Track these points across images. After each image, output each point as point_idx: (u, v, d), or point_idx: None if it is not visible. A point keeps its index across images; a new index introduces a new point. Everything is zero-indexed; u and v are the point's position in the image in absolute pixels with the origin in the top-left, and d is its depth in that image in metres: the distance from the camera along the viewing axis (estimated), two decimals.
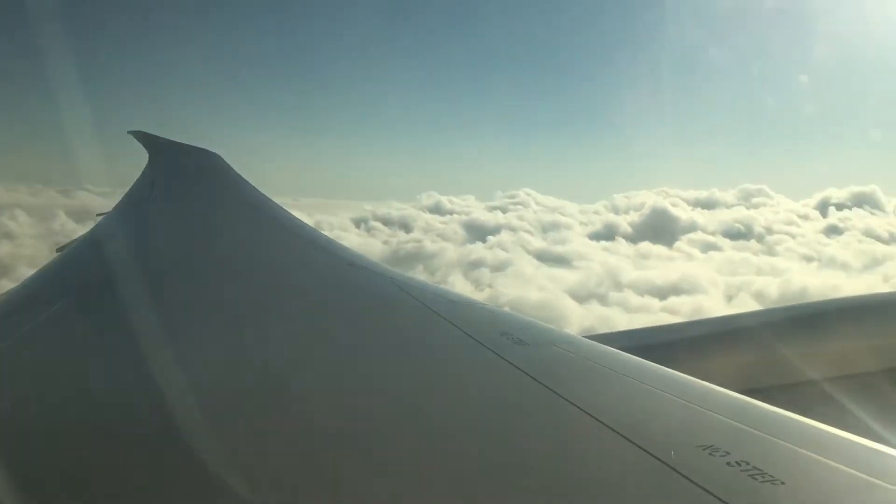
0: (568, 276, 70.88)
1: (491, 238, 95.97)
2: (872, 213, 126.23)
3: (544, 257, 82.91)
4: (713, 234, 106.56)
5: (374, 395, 2.16)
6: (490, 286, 65.99)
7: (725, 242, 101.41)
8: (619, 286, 65.01)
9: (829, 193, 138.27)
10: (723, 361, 3.65)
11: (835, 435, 1.80)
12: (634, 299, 59.53)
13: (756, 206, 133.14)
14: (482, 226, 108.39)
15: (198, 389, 2.10)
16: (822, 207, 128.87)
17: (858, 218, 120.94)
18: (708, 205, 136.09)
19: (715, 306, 57.05)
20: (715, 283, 67.27)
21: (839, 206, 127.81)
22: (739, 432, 1.80)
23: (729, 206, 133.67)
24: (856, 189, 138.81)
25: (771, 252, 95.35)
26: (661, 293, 61.66)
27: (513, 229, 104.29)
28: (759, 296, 61.87)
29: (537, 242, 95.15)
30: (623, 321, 49.18)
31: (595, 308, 56.97)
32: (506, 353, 2.49)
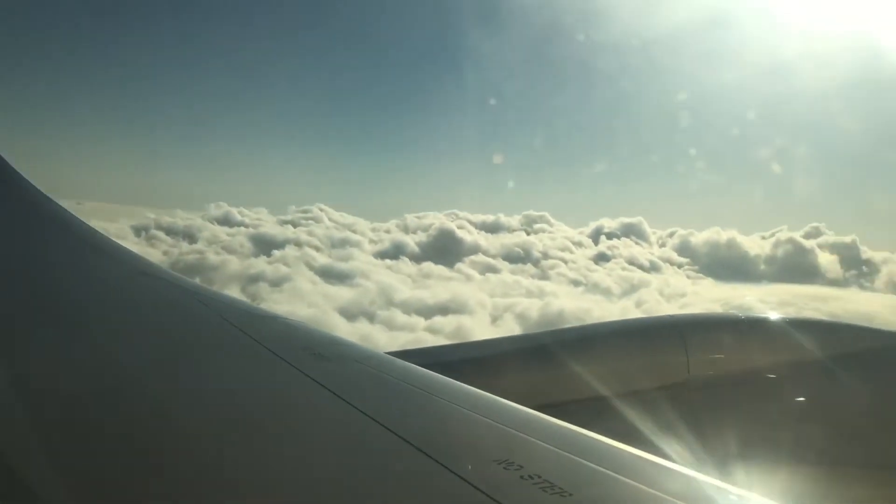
0: (344, 294, 70.85)
1: (277, 252, 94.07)
2: (637, 243, 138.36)
3: (327, 274, 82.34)
4: (494, 256, 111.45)
5: (167, 409, 2.06)
6: (265, 301, 64.43)
7: (504, 265, 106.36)
8: (390, 305, 65.80)
9: (603, 223, 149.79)
10: (516, 378, 3.72)
11: (617, 448, 1.88)
12: (400, 318, 60.46)
13: (537, 232, 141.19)
14: (270, 240, 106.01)
15: None
16: (595, 236, 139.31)
17: (625, 247, 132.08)
18: (493, 228, 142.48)
19: (478, 327, 59.30)
20: (483, 304, 70.06)
21: (610, 235, 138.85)
22: (532, 447, 1.86)
23: (511, 231, 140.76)
24: (626, 220, 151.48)
25: (544, 276, 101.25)
26: (430, 312, 63.16)
27: (300, 244, 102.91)
28: (521, 317, 65.16)
29: (323, 259, 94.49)
30: (384, 339, 49.63)
31: (362, 326, 57.14)
32: (305, 368, 2.44)
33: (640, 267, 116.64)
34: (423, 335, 53.80)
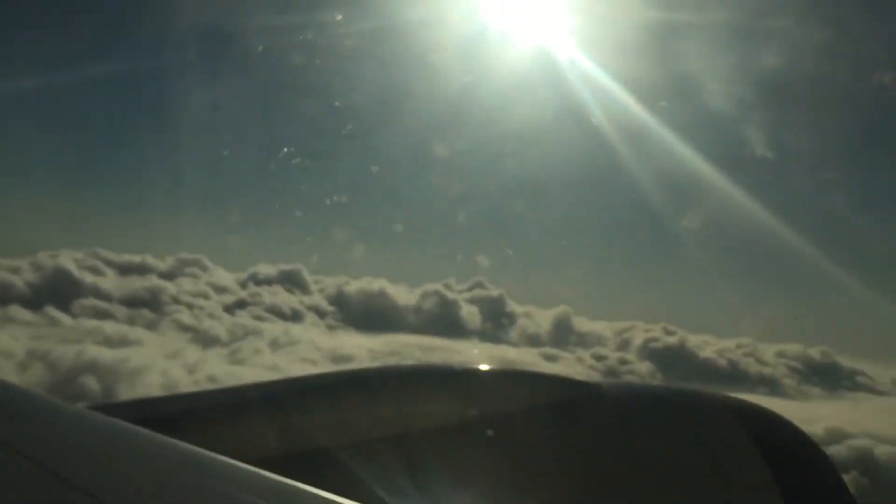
0: None
1: None
2: (289, 291, 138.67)
3: None
4: (112, 301, 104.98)
5: None
6: None
7: (122, 310, 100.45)
8: None
9: (260, 268, 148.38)
10: (231, 432, 3.29)
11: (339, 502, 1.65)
12: None
13: (186, 276, 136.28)
14: None
15: None
16: (246, 282, 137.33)
17: (273, 294, 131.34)
18: (136, 270, 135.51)
19: None
20: (11, 353, 64.31)
21: (261, 282, 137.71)
22: None
23: (145, 274, 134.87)
24: (284, 266, 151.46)
25: (154, 324, 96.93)
26: None
27: None
28: (51, 366, 60.55)
29: None
30: None
31: None
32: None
33: (280, 315, 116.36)
34: None
